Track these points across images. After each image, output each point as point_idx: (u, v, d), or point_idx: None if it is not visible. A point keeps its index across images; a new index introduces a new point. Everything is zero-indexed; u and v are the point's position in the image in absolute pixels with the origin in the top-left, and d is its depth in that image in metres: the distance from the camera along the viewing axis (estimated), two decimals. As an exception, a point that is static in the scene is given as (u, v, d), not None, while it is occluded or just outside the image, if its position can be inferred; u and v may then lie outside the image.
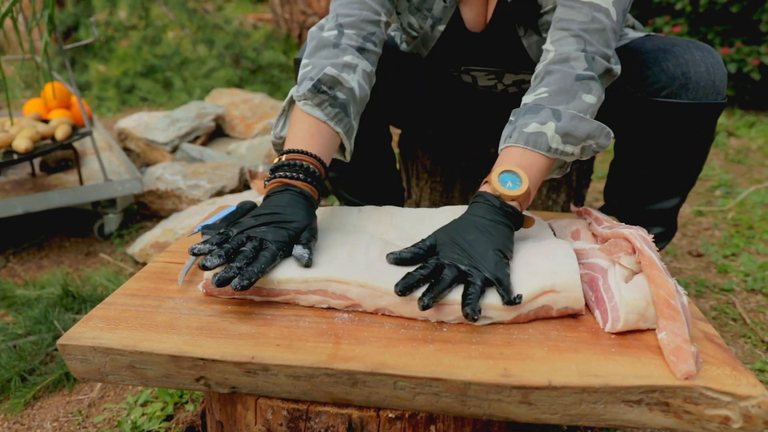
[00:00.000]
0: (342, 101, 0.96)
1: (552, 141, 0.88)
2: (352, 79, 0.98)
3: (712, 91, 1.06)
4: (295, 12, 4.73)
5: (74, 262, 1.92)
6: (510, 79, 1.26)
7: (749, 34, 3.39)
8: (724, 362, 0.67)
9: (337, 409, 0.70)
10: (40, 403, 1.23)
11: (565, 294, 0.75)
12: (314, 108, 0.95)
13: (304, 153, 0.91)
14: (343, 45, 1.00)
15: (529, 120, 0.90)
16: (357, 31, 1.02)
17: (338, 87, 0.96)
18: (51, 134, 1.89)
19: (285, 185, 0.89)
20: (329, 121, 0.95)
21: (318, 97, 0.94)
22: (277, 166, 0.91)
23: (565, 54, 0.94)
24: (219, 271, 0.74)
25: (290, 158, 0.91)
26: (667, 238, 1.27)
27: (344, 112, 0.97)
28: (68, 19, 4.85)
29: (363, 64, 1.01)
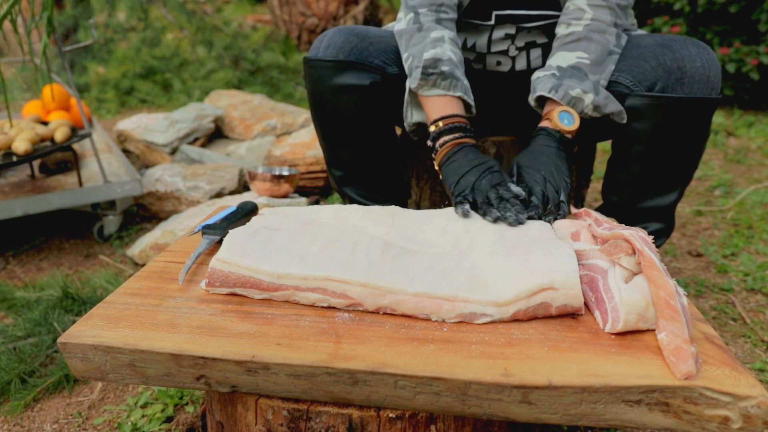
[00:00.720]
0: (448, 72, 1.14)
1: (586, 108, 1.12)
2: (445, 49, 1.15)
3: (707, 87, 1.09)
4: (294, 13, 4.73)
5: (74, 264, 1.92)
6: (522, 40, 1.29)
7: (748, 33, 3.39)
8: (724, 362, 0.67)
9: (337, 409, 0.70)
10: (39, 405, 1.23)
11: (564, 291, 0.75)
12: (432, 89, 1.15)
13: (454, 116, 1.14)
14: (425, 25, 1.18)
15: (575, 84, 1.11)
16: (428, 8, 1.19)
17: (439, 63, 1.14)
18: (50, 136, 1.90)
19: (459, 144, 1.11)
20: (448, 92, 1.15)
21: (429, 80, 1.14)
22: (438, 132, 1.14)
23: (602, 25, 1.15)
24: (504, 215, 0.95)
25: (447, 123, 1.13)
26: (666, 234, 1.28)
27: (454, 78, 1.15)
28: (67, 21, 4.85)
29: (447, 33, 1.18)
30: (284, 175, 2.02)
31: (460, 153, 1.10)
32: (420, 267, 0.82)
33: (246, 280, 0.80)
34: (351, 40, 1.24)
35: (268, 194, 2.03)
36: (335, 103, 1.26)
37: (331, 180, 1.40)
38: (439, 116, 1.14)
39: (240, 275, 0.80)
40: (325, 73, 1.24)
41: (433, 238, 0.92)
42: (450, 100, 1.15)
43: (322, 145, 1.36)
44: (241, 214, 1.06)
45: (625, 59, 1.16)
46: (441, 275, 0.79)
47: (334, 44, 1.23)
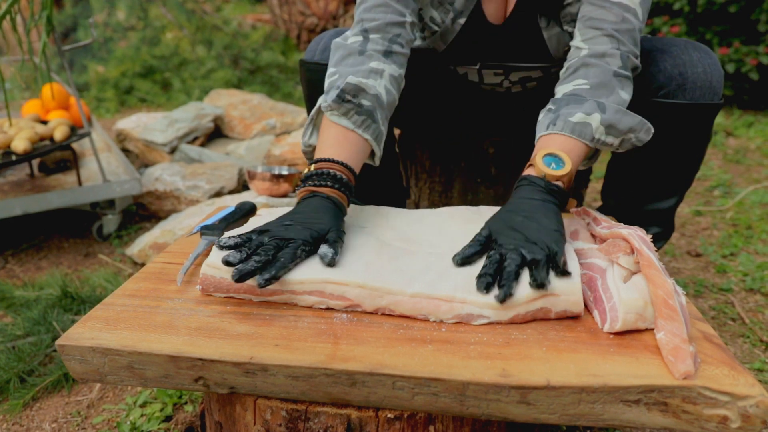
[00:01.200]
0: (367, 108, 0.97)
1: (596, 132, 0.92)
2: (378, 84, 0.99)
3: (709, 92, 1.07)
4: (293, 13, 4.73)
5: (73, 263, 1.91)
6: (516, 76, 1.27)
7: (747, 34, 3.39)
8: (723, 362, 0.67)
9: (335, 410, 0.70)
10: (38, 404, 1.23)
11: (565, 298, 0.75)
12: (341, 117, 0.96)
13: (332, 161, 0.93)
14: (369, 51, 1.01)
15: (574, 110, 0.93)
16: (382, 35, 1.02)
17: (362, 95, 0.97)
18: (49, 135, 1.89)
19: (313, 192, 0.91)
20: (357, 129, 0.97)
21: (343, 106, 0.96)
22: (306, 176, 0.93)
23: (601, 51, 0.97)
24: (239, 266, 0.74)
25: (318, 167, 0.93)
26: (665, 238, 1.28)
27: (371, 119, 0.98)
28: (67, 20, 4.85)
29: (390, 69, 1.01)
30: (283, 174, 2.02)
31: (304, 203, 0.90)
32: (418, 268, 0.81)
33: (239, 286, 0.79)
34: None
35: (267, 193, 2.03)
36: None
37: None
38: (320, 156, 0.94)
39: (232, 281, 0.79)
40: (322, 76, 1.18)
41: (429, 238, 0.92)
42: (353, 138, 0.97)
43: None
44: (240, 215, 1.06)
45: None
46: (439, 276, 0.79)
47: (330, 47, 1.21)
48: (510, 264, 0.76)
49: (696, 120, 1.10)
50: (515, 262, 0.76)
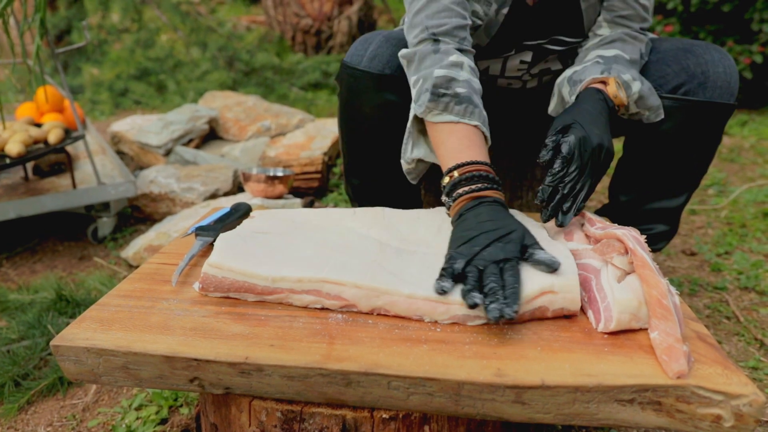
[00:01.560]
0: (464, 95, 0.97)
1: (632, 97, 1.05)
2: (464, 74, 0.99)
3: (727, 92, 1.10)
4: (288, 14, 4.73)
5: (68, 266, 1.91)
6: (537, 68, 1.27)
7: (741, 33, 3.40)
8: (716, 361, 0.67)
9: (331, 410, 0.70)
10: (33, 407, 1.23)
11: (563, 295, 0.75)
12: (443, 114, 0.96)
13: (475, 164, 0.91)
14: (443, 49, 1.02)
15: (624, 70, 1.04)
16: (451, 38, 1.03)
17: (454, 83, 0.97)
18: (44, 138, 1.89)
19: (477, 198, 0.87)
20: (462, 119, 0.96)
21: (441, 101, 0.96)
22: (455, 182, 0.90)
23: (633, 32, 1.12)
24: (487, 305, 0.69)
25: (463, 172, 0.90)
26: (669, 237, 1.28)
27: (471, 104, 0.97)
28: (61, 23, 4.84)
29: (467, 61, 1.02)
30: (278, 176, 2.02)
31: (474, 211, 0.86)
32: (414, 268, 0.82)
33: (240, 285, 0.80)
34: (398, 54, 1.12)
35: (262, 195, 2.03)
36: (372, 118, 1.19)
37: (348, 189, 1.36)
38: (454, 164, 0.91)
39: (234, 280, 0.80)
40: (368, 85, 1.15)
41: (426, 238, 0.92)
42: (466, 131, 0.95)
43: (343, 153, 1.30)
44: (235, 216, 1.06)
45: (646, 63, 1.16)
46: (435, 276, 0.79)
47: (380, 56, 1.14)
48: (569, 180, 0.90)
49: (712, 119, 1.12)
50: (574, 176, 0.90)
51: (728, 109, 1.11)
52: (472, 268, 0.76)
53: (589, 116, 0.95)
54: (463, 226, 0.84)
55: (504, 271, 0.75)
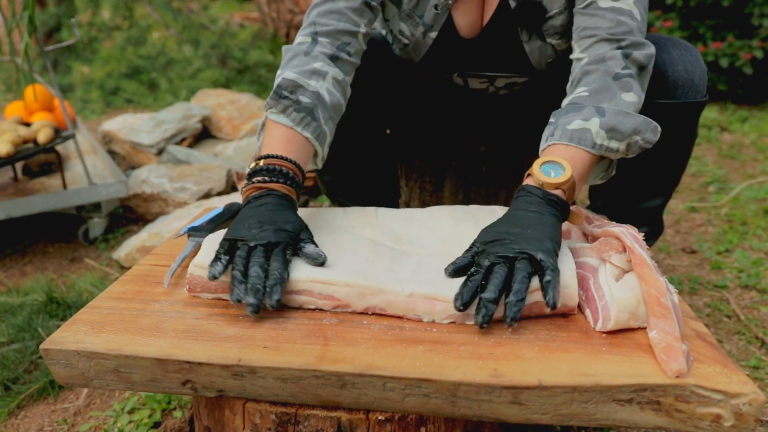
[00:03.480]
0: (306, 105, 0.94)
1: (597, 137, 0.88)
2: (320, 85, 0.96)
3: (691, 90, 1.05)
4: (282, 11, 4.70)
5: (58, 268, 1.89)
6: (502, 82, 1.26)
7: (741, 28, 3.39)
8: (715, 360, 0.67)
9: (326, 412, 0.69)
10: (24, 412, 1.21)
11: (560, 290, 0.74)
12: (280, 115, 0.94)
13: (281, 158, 0.90)
14: (315, 53, 0.99)
15: (572, 118, 0.90)
16: (331, 40, 1.01)
17: (300, 91, 0.94)
18: (33, 138, 1.87)
19: (267, 190, 0.87)
20: (296, 127, 0.93)
21: (281, 103, 0.94)
22: (254, 171, 0.90)
23: (602, 54, 0.94)
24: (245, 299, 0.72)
25: (268, 163, 0.89)
26: (654, 237, 1.28)
27: (310, 116, 0.94)
28: (50, 20, 4.79)
29: (333, 72, 0.99)
30: (272, 174, 2.00)
31: (258, 201, 0.86)
32: (410, 267, 0.81)
33: (227, 286, 0.78)
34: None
35: (256, 194, 2.01)
36: None
37: (321, 185, 1.38)
38: (267, 152, 0.92)
39: (221, 281, 0.78)
40: None
41: (420, 238, 0.91)
42: (295, 137, 0.93)
43: None
44: (228, 216, 1.04)
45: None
46: (434, 276, 0.78)
47: None
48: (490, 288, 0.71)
49: (679, 119, 1.08)
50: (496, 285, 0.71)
51: (695, 107, 1.07)
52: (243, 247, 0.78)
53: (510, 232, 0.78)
54: (244, 213, 0.85)
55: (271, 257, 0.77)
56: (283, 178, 0.88)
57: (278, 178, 0.88)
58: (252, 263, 0.76)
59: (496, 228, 0.81)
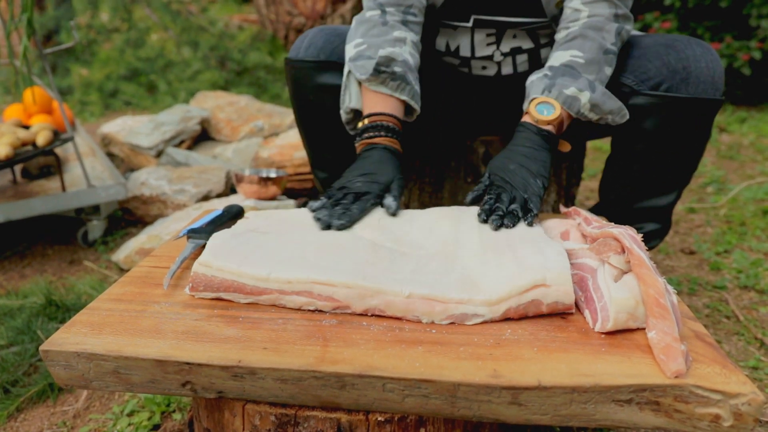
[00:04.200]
0: (400, 74, 1.10)
1: (583, 108, 1.05)
2: (404, 51, 1.12)
3: (711, 87, 1.08)
4: (280, 13, 4.71)
5: (58, 271, 1.89)
6: (507, 46, 1.26)
7: (739, 29, 3.40)
8: (714, 360, 0.67)
9: (325, 414, 0.69)
10: (23, 415, 1.21)
11: (555, 288, 0.74)
12: (379, 86, 1.10)
13: (383, 114, 1.08)
14: (390, 22, 1.14)
15: (568, 82, 1.05)
16: (396, 7, 1.15)
17: (394, 63, 1.09)
18: (32, 140, 1.87)
19: (372, 144, 1.06)
20: (394, 93, 1.10)
21: (380, 76, 1.09)
22: (362, 129, 1.08)
23: (600, 20, 1.09)
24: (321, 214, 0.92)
25: (372, 120, 1.08)
26: (661, 235, 1.28)
27: (404, 82, 1.11)
28: (49, 23, 4.79)
29: (410, 36, 1.15)
30: (272, 177, 2.01)
31: (366, 154, 1.05)
32: (409, 268, 0.81)
33: (230, 284, 0.79)
34: (332, 40, 1.23)
35: (255, 197, 2.01)
36: (318, 104, 1.25)
37: (316, 182, 1.39)
38: (369, 112, 1.09)
39: (223, 279, 0.79)
40: (307, 73, 1.23)
41: (420, 238, 0.92)
42: (391, 100, 1.11)
43: (305, 147, 1.36)
44: (227, 218, 1.04)
45: (627, 59, 1.14)
46: (432, 276, 0.78)
47: (315, 44, 1.23)
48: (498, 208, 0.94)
49: (698, 115, 1.11)
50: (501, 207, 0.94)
51: (714, 105, 1.10)
52: (339, 193, 0.97)
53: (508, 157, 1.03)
54: (354, 166, 1.04)
55: (357, 201, 0.95)
56: (385, 131, 1.07)
57: (381, 131, 1.07)
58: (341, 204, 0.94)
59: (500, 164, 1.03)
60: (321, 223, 0.90)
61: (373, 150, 1.04)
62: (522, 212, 0.94)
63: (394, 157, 1.05)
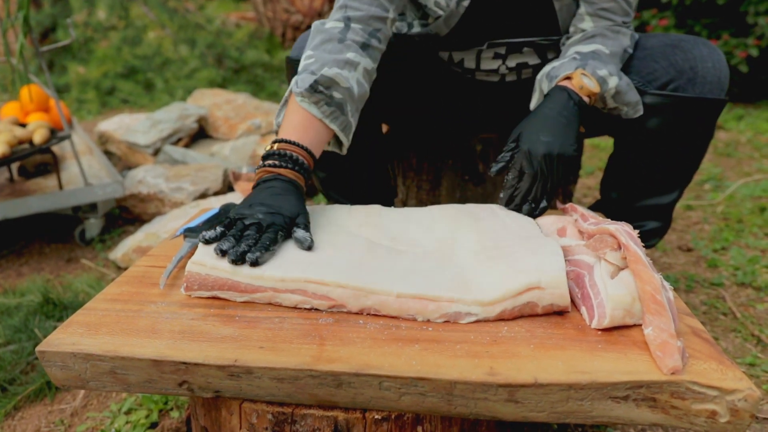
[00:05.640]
0: (338, 101, 0.99)
1: (608, 92, 1.05)
2: (351, 77, 1.01)
3: (717, 87, 1.09)
4: (278, 10, 4.70)
5: (55, 269, 1.88)
6: (514, 61, 1.26)
7: (736, 26, 3.39)
8: (711, 357, 0.67)
9: (322, 412, 0.69)
10: (21, 413, 1.21)
11: (551, 291, 0.74)
12: (311, 105, 0.98)
13: (294, 144, 0.95)
14: (348, 41, 1.02)
15: (600, 66, 1.05)
16: (363, 26, 1.04)
17: (335, 87, 0.99)
18: (29, 138, 1.86)
19: (275, 174, 0.93)
20: (324, 119, 0.99)
21: (315, 96, 0.98)
22: (267, 154, 0.95)
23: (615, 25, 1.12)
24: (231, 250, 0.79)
25: (281, 147, 0.95)
26: (661, 234, 1.28)
27: (340, 111, 1.00)
28: (45, 20, 4.77)
29: (365, 62, 1.03)
30: (269, 174, 2.00)
31: (267, 184, 0.92)
32: (404, 267, 0.81)
33: (224, 283, 0.79)
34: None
35: (252, 194, 2.01)
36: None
37: (316, 182, 1.38)
38: (284, 137, 0.96)
39: (217, 278, 0.79)
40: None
41: (416, 237, 0.91)
42: (318, 126, 0.99)
43: None
44: (224, 216, 1.04)
45: (632, 60, 1.15)
46: (425, 275, 0.78)
47: None
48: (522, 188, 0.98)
49: (703, 115, 1.11)
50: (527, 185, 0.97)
51: (719, 105, 1.11)
52: (239, 223, 0.86)
53: (541, 122, 1.00)
54: (254, 193, 0.92)
55: (265, 232, 0.84)
56: (292, 164, 0.94)
57: (287, 163, 0.94)
58: (246, 235, 0.83)
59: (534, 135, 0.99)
60: (230, 255, 0.78)
61: (276, 180, 0.92)
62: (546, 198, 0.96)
63: (297, 191, 0.93)
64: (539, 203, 0.99)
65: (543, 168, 0.97)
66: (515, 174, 1.00)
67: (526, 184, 0.98)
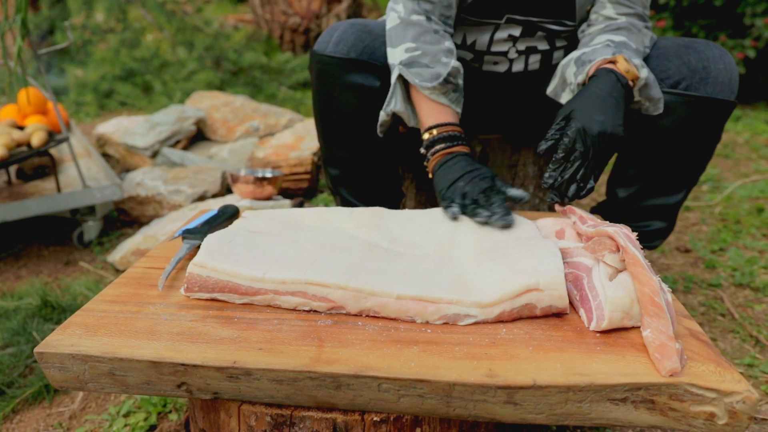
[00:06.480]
0: (461, 86, 1.15)
1: (639, 82, 1.05)
2: (456, 63, 1.13)
3: (728, 89, 1.10)
4: (276, 13, 4.70)
5: (53, 272, 1.88)
6: (524, 44, 1.26)
7: (733, 27, 3.41)
8: (709, 359, 0.67)
9: (321, 414, 0.69)
10: (19, 416, 1.20)
11: (549, 293, 0.74)
12: (440, 96, 1.12)
13: (451, 125, 1.11)
14: (440, 32, 1.14)
15: (633, 55, 1.06)
16: (439, 17, 1.16)
17: (459, 75, 1.13)
18: (27, 141, 1.86)
19: (454, 153, 1.08)
20: (451, 105, 1.14)
21: (446, 87, 1.12)
22: (434, 140, 1.11)
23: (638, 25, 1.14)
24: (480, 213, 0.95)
25: (442, 131, 1.11)
26: (665, 235, 1.28)
27: (461, 94, 1.15)
28: (43, 23, 4.77)
29: (453, 47, 1.15)
30: (267, 177, 2.00)
31: (452, 161, 1.07)
32: (403, 269, 0.81)
33: (224, 285, 0.79)
34: (363, 38, 1.19)
35: (251, 197, 2.01)
36: (341, 102, 1.21)
37: (327, 179, 1.37)
38: (433, 123, 1.11)
39: (218, 280, 0.79)
40: (334, 70, 1.19)
41: (416, 239, 0.92)
42: (449, 111, 1.13)
43: (320, 142, 1.32)
44: (223, 218, 1.04)
45: (647, 58, 1.16)
46: (424, 277, 0.78)
47: (345, 40, 1.18)
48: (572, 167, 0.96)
49: (713, 115, 1.12)
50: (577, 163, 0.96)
51: (728, 106, 1.12)
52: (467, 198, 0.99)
53: (594, 101, 0.98)
54: (446, 173, 1.06)
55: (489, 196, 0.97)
56: (460, 141, 1.11)
57: (457, 141, 1.10)
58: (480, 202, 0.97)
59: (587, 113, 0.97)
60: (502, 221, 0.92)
61: (457, 156, 1.07)
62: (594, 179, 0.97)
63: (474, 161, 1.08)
64: (587, 183, 0.98)
65: (596, 146, 0.95)
66: (565, 152, 0.97)
67: (577, 163, 0.96)
